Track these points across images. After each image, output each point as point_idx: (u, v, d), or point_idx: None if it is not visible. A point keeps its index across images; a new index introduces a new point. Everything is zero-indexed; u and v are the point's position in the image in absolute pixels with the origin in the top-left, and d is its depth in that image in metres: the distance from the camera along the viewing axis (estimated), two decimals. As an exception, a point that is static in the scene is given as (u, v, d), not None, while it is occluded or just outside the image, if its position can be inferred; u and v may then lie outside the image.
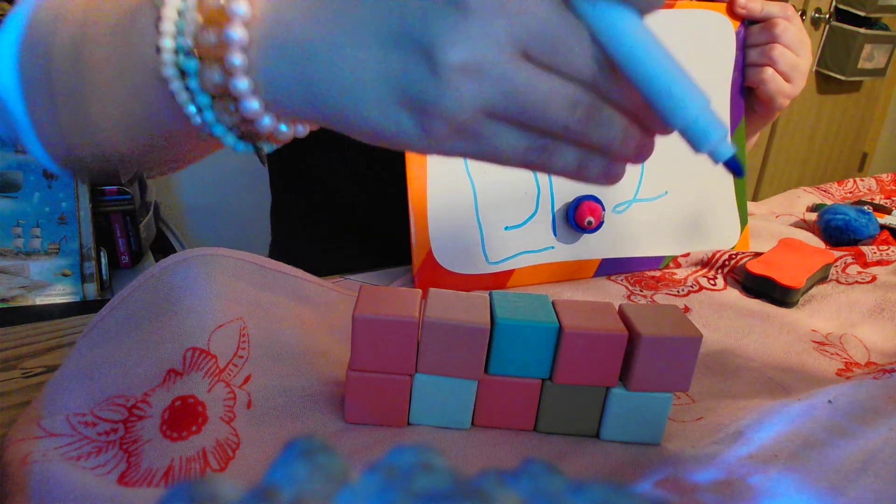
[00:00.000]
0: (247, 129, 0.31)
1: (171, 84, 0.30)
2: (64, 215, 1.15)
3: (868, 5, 2.21)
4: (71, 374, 0.38)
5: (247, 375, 0.39)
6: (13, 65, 0.38)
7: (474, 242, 0.58)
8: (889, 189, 0.95)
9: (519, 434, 0.40)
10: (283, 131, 0.32)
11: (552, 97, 0.27)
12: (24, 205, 1.12)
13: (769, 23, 0.66)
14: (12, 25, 0.38)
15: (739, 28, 0.67)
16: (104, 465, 0.34)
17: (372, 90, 0.27)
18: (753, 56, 0.67)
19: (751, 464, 0.34)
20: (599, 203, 0.60)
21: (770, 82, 0.66)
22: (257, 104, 0.30)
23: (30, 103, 0.38)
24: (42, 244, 1.15)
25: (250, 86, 0.29)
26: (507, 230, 0.60)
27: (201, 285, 0.41)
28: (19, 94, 0.38)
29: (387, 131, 0.28)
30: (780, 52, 0.65)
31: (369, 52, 0.26)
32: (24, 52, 0.38)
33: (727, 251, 0.66)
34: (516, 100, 0.27)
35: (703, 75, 0.66)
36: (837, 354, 0.53)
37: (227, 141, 0.32)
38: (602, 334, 0.37)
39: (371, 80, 0.27)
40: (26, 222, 1.13)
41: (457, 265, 0.58)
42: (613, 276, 0.63)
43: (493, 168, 0.58)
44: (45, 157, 0.40)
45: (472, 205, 0.58)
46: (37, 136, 0.39)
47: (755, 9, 0.66)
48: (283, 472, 0.16)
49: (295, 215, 0.83)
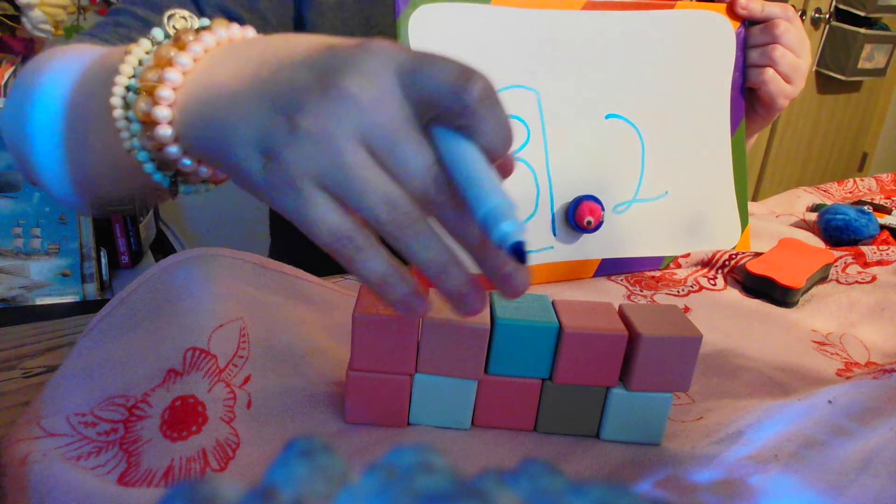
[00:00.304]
0: (160, 157, 0.37)
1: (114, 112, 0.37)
2: (64, 215, 1.15)
3: (868, 5, 2.21)
4: (71, 374, 0.38)
5: (247, 375, 0.39)
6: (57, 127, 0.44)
7: None
8: (889, 189, 0.95)
9: (519, 434, 0.40)
10: (186, 164, 0.37)
11: (372, 188, 0.30)
12: (24, 205, 1.12)
13: (770, 24, 0.66)
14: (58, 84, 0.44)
15: (740, 28, 0.67)
16: (104, 465, 0.34)
17: (243, 132, 0.32)
18: (754, 57, 0.67)
19: (751, 464, 0.34)
20: (599, 203, 0.60)
21: (771, 83, 0.66)
22: (169, 132, 0.35)
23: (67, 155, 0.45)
24: (42, 244, 1.15)
25: (168, 115, 0.35)
26: None
27: (201, 285, 0.41)
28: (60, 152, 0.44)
29: (241, 168, 0.32)
30: (781, 53, 0.65)
31: (256, 106, 0.32)
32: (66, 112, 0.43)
33: (727, 251, 0.66)
34: (340, 176, 0.30)
35: (704, 75, 0.67)
36: (837, 354, 0.53)
37: (146, 168, 0.37)
38: (602, 334, 0.37)
39: (246, 125, 0.32)
40: (26, 222, 1.13)
41: None
42: (613, 276, 0.63)
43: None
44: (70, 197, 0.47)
45: None
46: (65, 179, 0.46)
47: (756, 9, 0.66)
48: (283, 472, 0.16)
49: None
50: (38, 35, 1.24)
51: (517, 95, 0.59)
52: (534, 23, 0.59)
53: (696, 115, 0.67)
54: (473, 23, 0.56)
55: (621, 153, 0.64)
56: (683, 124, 0.66)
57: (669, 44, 0.64)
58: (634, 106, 0.64)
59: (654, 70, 0.64)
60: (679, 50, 0.65)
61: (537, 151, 0.60)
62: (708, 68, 0.67)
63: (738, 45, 0.67)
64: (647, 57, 0.64)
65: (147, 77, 0.35)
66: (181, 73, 0.35)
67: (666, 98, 0.65)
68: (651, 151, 0.65)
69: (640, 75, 0.64)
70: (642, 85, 0.64)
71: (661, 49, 0.64)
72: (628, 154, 0.64)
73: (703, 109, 0.67)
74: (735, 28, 0.67)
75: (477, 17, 0.56)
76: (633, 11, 0.62)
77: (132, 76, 0.37)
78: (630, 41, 0.63)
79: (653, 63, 0.64)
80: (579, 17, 0.60)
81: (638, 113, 0.64)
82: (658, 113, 0.65)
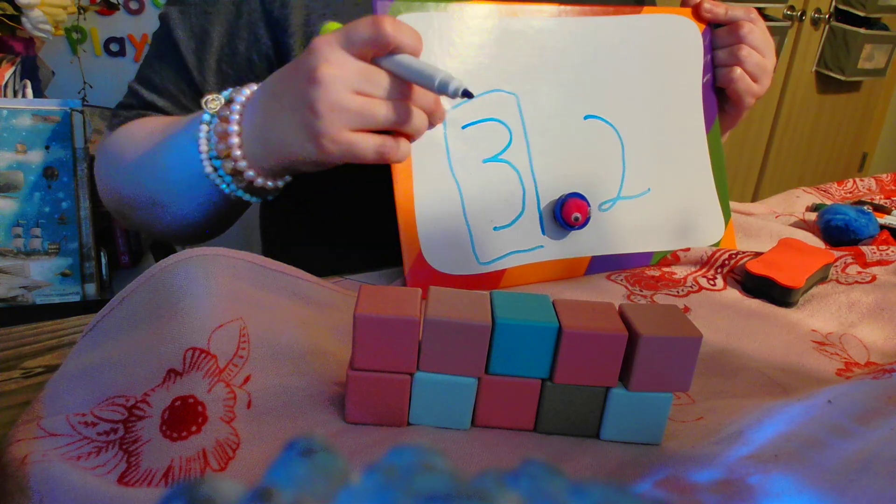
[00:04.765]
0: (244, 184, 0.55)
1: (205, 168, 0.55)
2: (64, 215, 1.15)
3: (868, 5, 2.21)
4: (71, 374, 0.38)
5: (247, 375, 0.39)
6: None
7: (464, 243, 0.59)
8: (889, 189, 0.95)
9: (519, 434, 0.40)
10: (259, 182, 0.55)
11: (375, 110, 0.48)
12: (24, 205, 1.12)
13: (735, 25, 0.69)
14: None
15: (705, 31, 0.69)
16: (104, 465, 0.34)
17: (290, 131, 0.50)
18: (722, 57, 0.69)
19: (751, 464, 0.34)
20: (584, 200, 0.61)
21: (739, 81, 0.69)
22: (244, 163, 0.54)
23: None
24: (42, 244, 1.15)
25: (241, 153, 0.53)
26: (496, 230, 0.60)
27: (201, 285, 0.41)
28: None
29: (300, 153, 0.51)
30: (747, 52, 0.68)
31: (287, 114, 0.50)
32: None
33: (728, 250, 0.66)
34: (356, 116, 0.48)
35: (675, 76, 0.68)
36: (837, 354, 0.53)
37: (238, 193, 0.56)
38: (602, 334, 0.37)
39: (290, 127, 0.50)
40: (26, 222, 1.13)
41: (447, 266, 0.58)
42: (613, 277, 0.63)
43: (475, 169, 0.59)
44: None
45: (460, 206, 0.59)
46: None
47: (719, 12, 0.69)
48: (283, 472, 0.16)
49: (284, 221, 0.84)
50: (38, 35, 1.24)
51: (497, 99, 0.60)
52: (510, 29, 0.60)
53: (671, 114, 0.68)
54: (451, 29, 0.58)
55: (603, 152, 0.65)
56: (659, 123, 0.68)
57: (640, 47, 0.66)
58: (611, 107, 0.65)
59: (627, 72, 0.66)
60: (649, 52, 0.67)
61: (520, 153, 0.61)
62: (678, 69, 0.69)
63: (705, 47, 0.69)
64: (620, 60, 0.65)
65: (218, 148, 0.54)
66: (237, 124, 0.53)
67: (640, 98, 0.67)
68: (631, 150, 0.66)
69: (613, 77, 0.65)
70: (617, 86, 0.65)
71: (633, 52, 0.66)
72: (609, 153, 0.65)
73: (677, 108, 0.69)
74: (700, 30, 0.69)
75: (455, 23, 0.57)
76: (603, 17, 0.64)
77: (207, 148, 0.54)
78: (602, 45, 0.64)
79: (625, 65, 0.66)
80: (553, 23, 0.62)
81: (615, 113, 0.65)
82: (634, 113, 0.66)
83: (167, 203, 0.61)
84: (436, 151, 0.58)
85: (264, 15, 0.67)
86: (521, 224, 0.61)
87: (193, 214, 0.61)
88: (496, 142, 0.60)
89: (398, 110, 0.49)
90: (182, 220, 0.62)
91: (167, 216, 0.62)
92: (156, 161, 0.60)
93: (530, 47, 0.61)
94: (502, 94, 0.60)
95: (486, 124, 0.60)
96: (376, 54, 0.49)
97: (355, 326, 0.36)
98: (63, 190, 1.14)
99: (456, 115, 0.59)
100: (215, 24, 0.66)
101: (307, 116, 0.48)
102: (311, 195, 0.78)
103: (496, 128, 0.60)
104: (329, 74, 0.47)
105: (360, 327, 0.36)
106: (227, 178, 0.55)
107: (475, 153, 0.59)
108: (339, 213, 0.77)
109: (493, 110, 0.60)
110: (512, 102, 0.61)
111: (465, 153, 0.59)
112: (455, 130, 0.58)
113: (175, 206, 0.61)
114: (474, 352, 0.37)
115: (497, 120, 0.60)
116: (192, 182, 0.58)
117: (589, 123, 0.64)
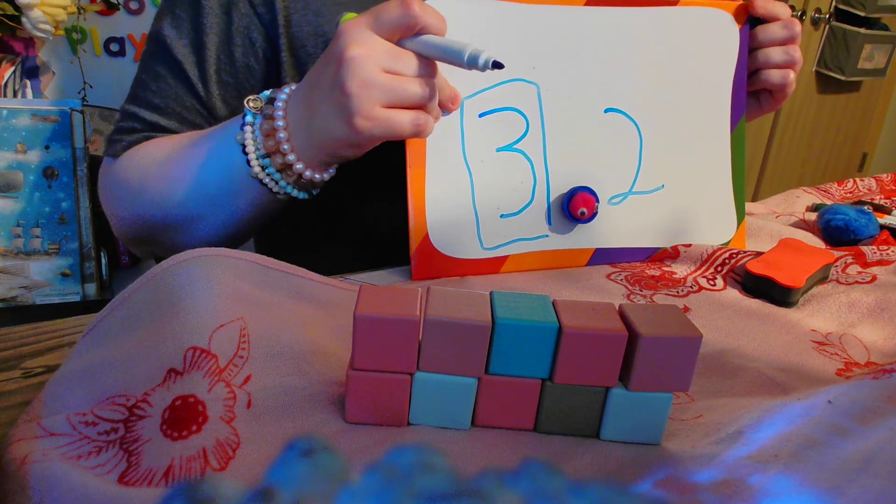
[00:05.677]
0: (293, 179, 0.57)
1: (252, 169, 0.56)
2: (64, 215, 1.15)
3: (868, 5, 2.21)
4: (71, 374, 0.38)
5: (247, 375, 0.39)
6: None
7: (470, 228, 0.59)
8: (889, 189, 0.95)
9: (519, 434, 0.40)
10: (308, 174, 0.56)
11: (406, 87, 0.50)
12: (24, 205, 1.12)
13: (790, 21, 0.67)
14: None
15: (743, 27, 0.67)
16: (104, 464, 0.34)
17: (328, 116, 0.52)
18: (776, 56, 0.67)
19: (751, 464, 0.34)
20: (593, 194, 0.61)
21: (791, 85, 0.69)
22: (293, 156, 0.55)
23: None
24: (42, 244, 1.15)
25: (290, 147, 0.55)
26: (502, 218, 0.61)
27: (202, 285, 0.41)
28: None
29: (341, 136, 0.52)
30: (799, 53, 0.68)
31: (325, 101, 0.52)
32: None
33: (728, 249, 0.66)
34: (389, 94, 0.50)
35: (705, 72, 0.67)
36: (837, 354, 0.53)
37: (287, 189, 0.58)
38: (602, 334, 0.37)
39: (328, 112, 0.52)
40: (26, 222, 1.13)
41: (452, 249, 0.59)
42: (613, 276, 0.63)
43: (488, 156, 0.59)
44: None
45: (469, 192, 0.59)
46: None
47: (778, 10, 0.67)
48: (283, 472, 0.16)
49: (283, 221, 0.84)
50: (38, 35, 1.24)
51: (517, 88, 0.60)
52: (536, 18, 0.59)
53: (696, 111, 0.67)
54: (476, 17, 0.57)
55: (619, 146, 0.64)
56: (682, 120, 0.66)
57: (671, 40, 0.65)
58: (634, 101, 0.64)
59: (655, 66, 0.64)
60: (681, 46, 0.65)
61: (535, 143, 0.61)
62: (709, 65, 0.67)
63: (740, 44, 0.67)
64: (649, 53, 0.64)
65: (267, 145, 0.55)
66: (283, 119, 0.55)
67: (666, 94, 0.65)
68: (649, 146, 0.65)
69: (640, 71, 0.64)
70: (643, 80, 0.64)
71: (663, 45, 0.64)
72: (626, 147, 0.64)
73: (703, 105, 0.67)
74: (739, 26, 0.67)
75: (480, 12, 0.57)
76: (636, 7, 0.63)
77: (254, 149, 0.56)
78: (631, 37, 0.63)
79: (654, 59, 0.64)
80: (581, 12, 0.61)
81: (637, 108, 0.64)
82: (658, 108, 0.65)
83: (206, 215, 0.61)
84: (451, 137, 0.58)
85: (256, 17, 0.66)
86: (528, 213, 0.61)
87: (232, 221, 0.61)
88: (512, 131, 0.60)
89: (429, 87, 0.51)
90: (219, 230, 0.62)
91: (202, 230, 0.62)
92: (190, 174, 0.60)
93: (556, 37, 0.60)
94: (523, 83, 0.60)
95: (502, 113, 0.60)
96: (402, 36, 0.50)
97: (355, 326, 0.36)
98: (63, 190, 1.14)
99: (474, 103, 0.59)
100: (209, 34, 0.66)
101: (339, 98, 0.49)
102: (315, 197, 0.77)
103: (513, 117, 0.60)
104: (358, 54, 0.48)
105: (360, 327, 0.36)
106: (275, 176, 0.56)
107: (490, 141, 0.60)
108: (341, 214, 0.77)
109: (513, 99, 0.60)
110: (532, 92, 0.60)
111: (479, 141, 0.59)
112: (472, 118, 0.58)
113: (214, 217, 0.61)
114: (474, 352, 0.37)
115: (515, 109, 0.60)
116: (233, 188, 0.58)
117: (609, 117, 0.63)
